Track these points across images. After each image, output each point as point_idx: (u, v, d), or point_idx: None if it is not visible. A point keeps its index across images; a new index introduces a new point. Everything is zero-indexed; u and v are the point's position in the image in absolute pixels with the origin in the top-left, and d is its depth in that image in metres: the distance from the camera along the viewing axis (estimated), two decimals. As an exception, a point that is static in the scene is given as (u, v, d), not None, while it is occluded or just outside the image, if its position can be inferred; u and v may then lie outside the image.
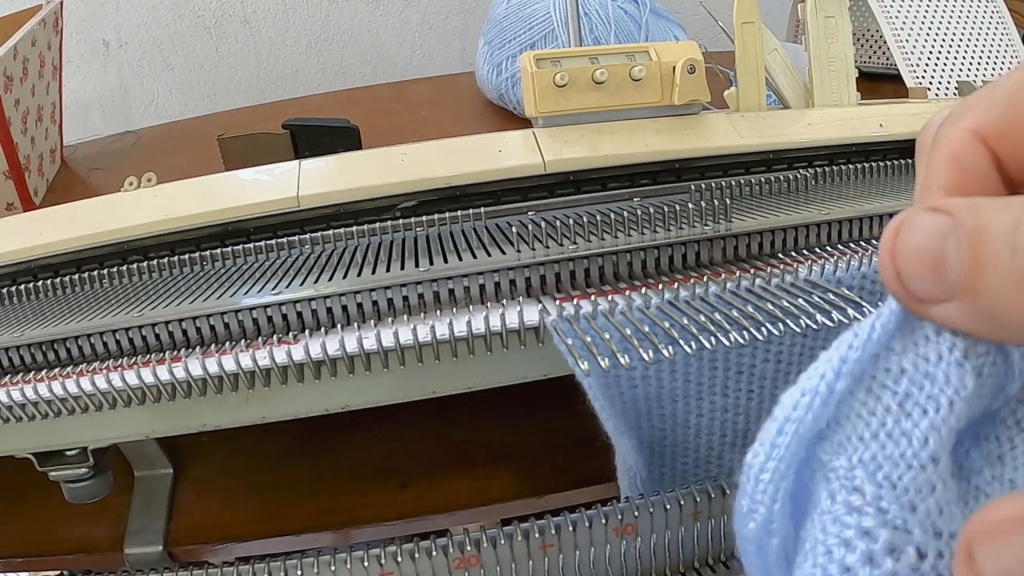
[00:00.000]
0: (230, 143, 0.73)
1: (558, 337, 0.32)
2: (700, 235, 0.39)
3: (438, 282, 0.37)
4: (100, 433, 0.38)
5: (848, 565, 0.16)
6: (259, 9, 1.18)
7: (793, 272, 0.36)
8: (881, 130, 0.48)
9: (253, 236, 0.43)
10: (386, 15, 1.22)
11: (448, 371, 0.37)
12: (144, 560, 0.45)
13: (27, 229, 0.43)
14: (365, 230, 0.42)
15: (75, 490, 0.40)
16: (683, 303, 0.34)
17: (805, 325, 0.32)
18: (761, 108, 0.50)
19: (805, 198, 0.44)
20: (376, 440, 0.50)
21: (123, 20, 1.15)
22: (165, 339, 0.36)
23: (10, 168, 0.75)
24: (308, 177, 0.43)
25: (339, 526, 0.46)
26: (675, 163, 0.45)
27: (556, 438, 0.49)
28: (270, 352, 0.34)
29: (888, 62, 0.88)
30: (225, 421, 0.38)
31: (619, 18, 0.83)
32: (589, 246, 0.38)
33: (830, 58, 0.51)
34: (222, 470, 0.49)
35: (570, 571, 0.37)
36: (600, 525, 0.37)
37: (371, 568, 0.37)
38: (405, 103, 0.99)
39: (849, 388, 0.17)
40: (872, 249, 0.39)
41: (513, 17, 0.87)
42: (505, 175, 0.44)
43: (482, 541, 0.36)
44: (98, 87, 1.18)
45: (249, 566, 0.37)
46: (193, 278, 0.40)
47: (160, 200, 0.43)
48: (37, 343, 0.36)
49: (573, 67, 0.45)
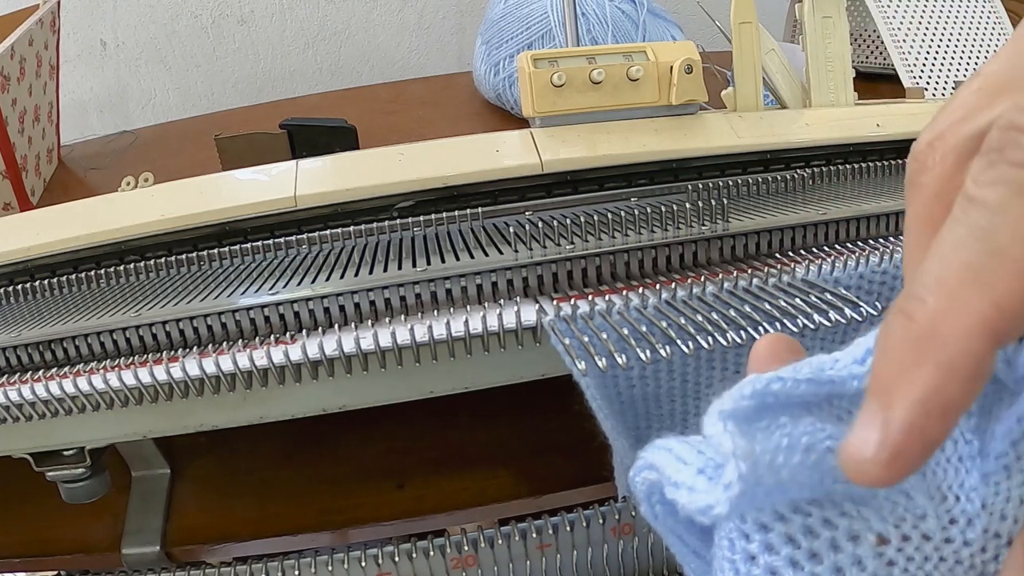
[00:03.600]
0: (227, 143, 0.73)
1: (555, 337, 0.32)
2: (697, 235, 0.39)
3: (435, 282, 0.37)
4: (97, 433, 0.38)
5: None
6: (256, 9, 1.18)
7: (790, 272, 0.36)
8: (878, 130, 0.48)
9: (250, 236, 0.43)
10: (383, 15, 1.22)
11: (445, 371, 0.37)
12: (142, 560, 0.45)
13: (24, 229, 0.43)
14: (362, 230, 0.42)
15: (72, 490, 0.40)
16: (680, 303, 0.34)
17: (802, 325, 0.32)
18: (758, 108, 0.50)
19: (802, 198, 0.44)
20: (374, 440, 0.50)
21: (120, 20, 1.14)
22: (163, 339, 0.36)
23: (7, 168, 0.75)
24: (305, 177, 0.43)
25: (337, 526, 0.46)
26: (672, 163, 0.45)
27: (553, 438, 0.49)
28: (268, 352, 0.34)
29: (885, 62, 0.89)
30: (223, 421, 0.38)
31: (616, 18, 0.83)
32: (586, 246, 0.38)
33: (827, 58, 0.51)
34: (219, 470, 0.49)
35: (568, 571, 0.37)
36: (598, 525, 0.37)
37: (368, 568, 0.37)
38: (403, 103, 0.99)
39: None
40: (869, 249, 0.39)
41: (510, 17, 0.87)
42: (502, 175, 0.44)
43: (480, 541, 0.36)
44: (95, 87, 1.18)
45: (247, 566, 0.37)
46: (190, 278, 0.40)
47: (157, 200, 0.43)
48: (34, 343, 0.36)
49: (570, 67, 0.45)
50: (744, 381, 0.17)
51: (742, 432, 0.16)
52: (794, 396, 0.17)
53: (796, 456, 0.16)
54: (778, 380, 0.17)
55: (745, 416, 0.16)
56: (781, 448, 0.16)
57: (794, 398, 0.17)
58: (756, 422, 0.16)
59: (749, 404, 0.16)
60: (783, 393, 0.17)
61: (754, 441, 0.16)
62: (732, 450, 0.16)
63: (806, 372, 0.17)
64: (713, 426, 0.16)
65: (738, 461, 0.15)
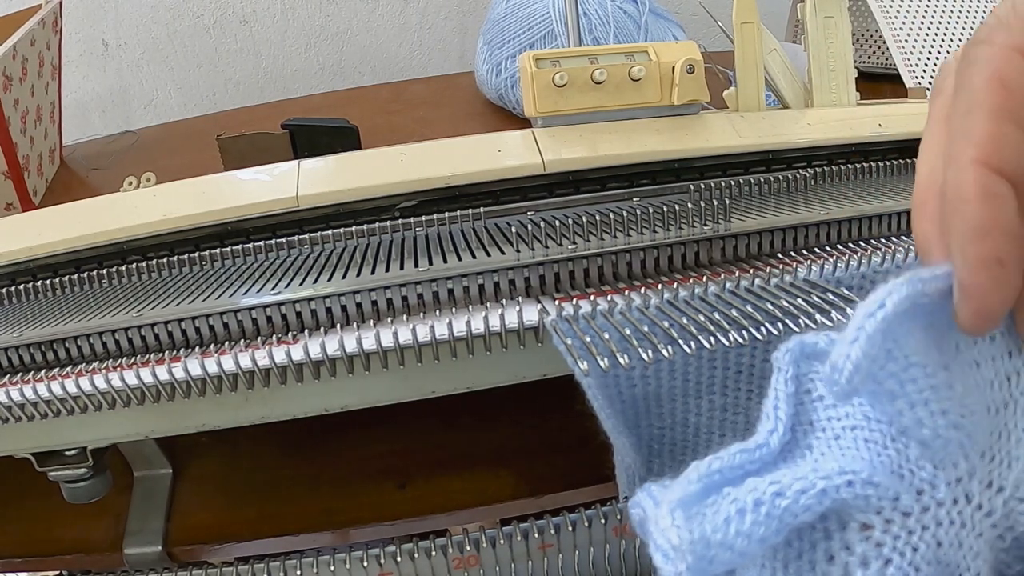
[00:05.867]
0: (229, 143, 0.73)
1: (557, 337, 0.32)
2: (699, 235, 0.39)
3: (437, 282, 0.37)
4: (99, 433, 0.38)
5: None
6: (258, 9, 1.18)
7: (792, 272, 0.36)
8: (880, 130, 0.48)
9: (252, 236, 0.43)
10: (385, 15, 1.22)
11: (447, 371, 0.37)
12: (143, 560, 0.45)
13: (26, 229, 0.43)
14: (364, 230, 0.42)
15: (74, 490, 0.40)
16: (682, 303, 0.34)
17: (804, 325, 0.32)
18: (760, 108, 0.50)
19: (804, 198, 0.44)
20: (375, 440, 0.50)
21: (122, 20, 1.15)
22: (164, 339, 0.36)
23: (9, 168, 0.75)
24: (307, 177, 0.43)
25: (338, 526, 0.46)
26: (674, 163, 0.45)
27: (555, 438, 0.49)
28: (269, 352, 0.34)
29: (887, 62, 0.89)
30: (224, 421, 0.38)
31: (618, 18, 0.83)
32: (588, 246, 0.38)
33: (829, 58, 0.51)
34: (221, 470, 0.49)
35: (569, 571, 0.37)
36: (599, 525, 0.37)
37: (370, 568, 0.37)
38: (404, 103, 0.99)
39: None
40: (871, 249, 0.39)
41: (512, 17, 0.87)
42: (504, 175, 0.44)
43: (481, 541, 0.36)
44: (97, 87, 1.18)
45: (248, 566, 0.37)
46: (192, 278, 0.40)
47: (159, 200, 0.43)
48: (36, 343, 0.36)
49: (572, 67, 0.45)
50: (689, 469, 0.19)
51: (688, 518, 0.18)
52: (732, 467, 0.19)
53: (747, 517, 0.18)
54: (717, 459, 0.19)
55: (694, 499, 0.18)
56: (731, 517, 0.18)
57: (734, 469, 0.19)
58: (704, 501, 0.18)
59: (696, 488, 0.18)
60: (724, 468, 0.19)
61: (704, 523, 0.18)
62: (679, 544, 0.17)
63: (736, 448, 0.20)
64: (664, 519, 0.18)
65: (684, 553, 0.17)
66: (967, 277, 0.17)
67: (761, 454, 0.19)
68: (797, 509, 0.18)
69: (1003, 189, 0.17)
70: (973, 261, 0.17)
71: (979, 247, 0.17)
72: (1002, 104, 0.17)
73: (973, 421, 0.18)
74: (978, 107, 0.17)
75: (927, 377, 0.18)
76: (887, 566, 0.18)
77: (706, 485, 0.19)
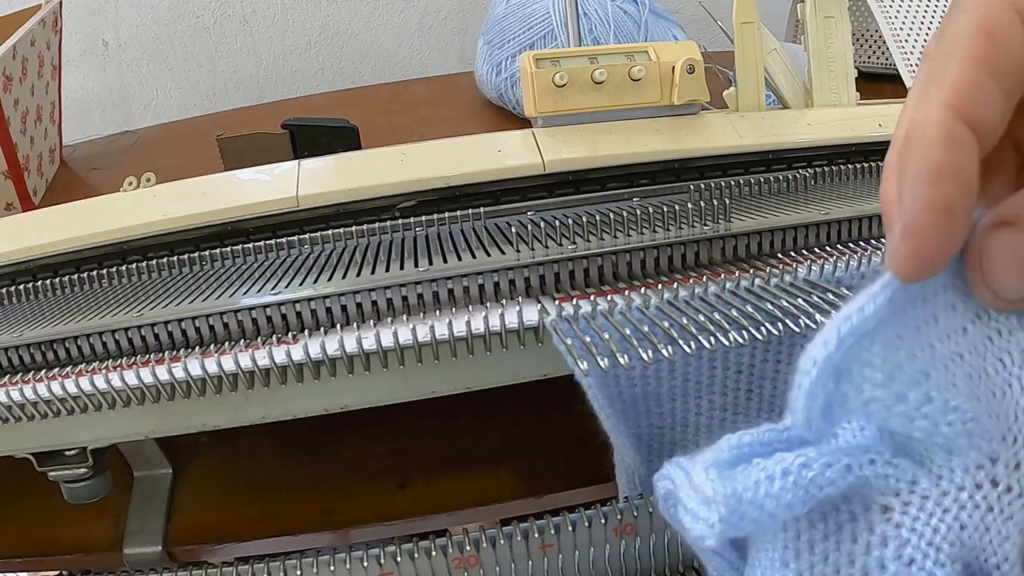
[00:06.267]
0: (229, 143, 0.73)
1: (557, 337, 0.32)
2: (699, 235, 0.39)
3: (437, 282, 0.37)
4: (99, 433, 0.38)
5: None
6: (258, 9, 1.18)
7: (792, 272, 0.36)
8: (880, 130, 0.48)
9: (252, 236, 0.43)
10: (385, 15, 1.22)
11: (447, 371, 0.37)
12: (143, 560, 0.45)
13: (26, 229, 0.43)
14: (364, 230, 0.42)
15: (74, 490, 0.40)
16: (682, 303, 0.34)
17: (804, 325, 0.32)
18: (760, 108, 0.50)
19: (804, 198, 0.44)
20: (375, 440, 0.50)
21: (122, 20, 1.15)
22: (164, 339, 0.36)
23: (9, 168, 0.75)
24: (307, 177, 0.43)
25: (338, 526, 0.46)
26: (674, 163, 0.45)
27: (555, 438, 0.49)
28: (269, 352, 0.34)
29: (887, 62, 0.89)
30: (224, 421, 0.38)
31: (618, 18, 0.83)
32: (588, 246, 0.38)
33: (829, 58, 0.51)
34: (221, 470, 0.49)
35: (569, 571, 0.37)
36: (599, 525, 0.37)
37: (370, 568, 0.37)
38: (404, 103, 0.99)
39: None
40: (871, 249, 0.39)
41: (512, 17, 0.87)
42: (504, 175, 0.44)
43: (481, 541, 0.36)
44: (97, 87, 1.18)
45: (248, 566, 0.37)
46: (192, 278, 0.40)
47: (159, 200, 0.43)
48: (37, 343, 0.36)
49: (572, 67, 0.45)
50: (722, 440, 0.20)
51: (723, 477, 0.19)
52: (762, 443, 0.20)
53: (776, 483, 0.19)
54: (747, 434, 0.20)
55: (726, 464, 0.19)
56: (761, 481, 0.19)
57: (763, 445, 0.20)
58: (735, 468, 0.19)
59: (727, 456, 0.20)
60: (754, 442, 0.20)
61: (735, 482, 0.19)
62: (713, 496, 0.19)
63: (766, 427, 0.20)
64: (698, 475, 0.19)
65: (718, 505, 0.18)
66: (912, 217, 0.17)
67: (789, 435, 0.20)
68: (823, 481, 0.18)
69: (967, 139, 0.16)
70: (921, 203, 0.16)
71: (930, 190, 0.16)
72: (984, 54, 0.17)
73: (976, 407, 0.19)
74: (960, 52, 0.17)
75: (909, 388, 0.19)
76: (905, 546, 0.18)
77: (736, 456, 0.20)
